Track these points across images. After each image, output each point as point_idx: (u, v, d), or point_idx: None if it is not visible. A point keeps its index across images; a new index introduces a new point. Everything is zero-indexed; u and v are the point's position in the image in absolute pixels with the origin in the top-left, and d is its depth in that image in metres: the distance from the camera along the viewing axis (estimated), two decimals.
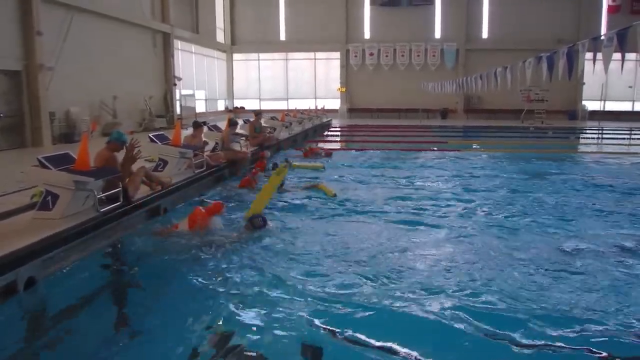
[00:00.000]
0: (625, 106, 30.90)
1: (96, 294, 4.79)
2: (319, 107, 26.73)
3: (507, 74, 13.28)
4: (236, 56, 33.53)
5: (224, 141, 10.63)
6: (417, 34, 31.32)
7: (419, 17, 31.29)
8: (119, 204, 6.24)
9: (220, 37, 31.71)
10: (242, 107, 32.88)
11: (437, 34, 31.71)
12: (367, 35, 32.16)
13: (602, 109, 29.30)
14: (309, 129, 20.24)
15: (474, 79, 16.84)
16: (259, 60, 33.61)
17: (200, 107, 27.12)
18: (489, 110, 30.58)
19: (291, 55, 33.30)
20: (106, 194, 6.19)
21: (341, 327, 3.88)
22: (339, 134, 23.49)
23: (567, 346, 3.66)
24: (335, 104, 32.18)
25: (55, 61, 14.38)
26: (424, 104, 29.88)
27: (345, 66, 32.31)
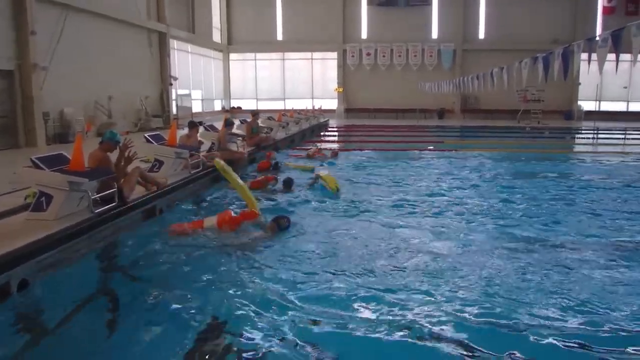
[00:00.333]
0: (620, 106, 31.12)
1: (91, 296, 4.73)
2: (316, 107, 26.71)
3: (503, 74, 13.31)
4: (233, 56, 33.49)
5: (220, 141, 10.60)
6: (414, 34, 31.37)
7: (416, 17, 31.34)
8: (113, 204, 6.19)
9: (216, 36, 31.66)
10: (239, 107, 32.83)
11: (434, 34, 31.77)
12: (364, 35, 32.18)
13: (597, 109, 29.43)
14: (306, 129, 20.21)
15: (471, 79, 16.87)
16: (255, 60, 33.58)
17: (196, 107, 27.07)
18: (486, 110, 30.65)
19: (288, 55, 33.28)
20: (101, 195, 6.15)
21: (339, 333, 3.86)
22: (336, 134, 23.45)
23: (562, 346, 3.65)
24: (332, 104, 32.20)
25: (49, 61, 14.31)
26: (421, 104, 29.92)
27: (342, 66, 32.32)
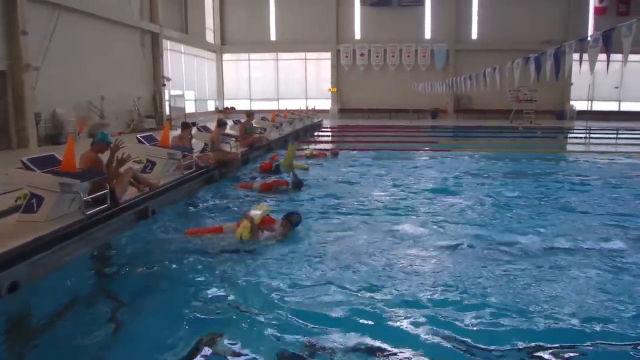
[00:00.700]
0: (612, 106, 31.32)
1: (82, 298, 4.69)
2: (310, 108, 26.70)
3: (495, 74, 13.38)
4: (226, 56, 33.42)
5: (213, 142, 10.57)
6: (407, 35, 31.43)
7: (409, 17, 31.42)
8: (105, 206, 6.16)
9: (210, 37, 31.58)
10: (233, 108, 32.77)
11: (427, 35, 31.85)
12: (357, 35, 32.21)
13: (589, 109, 29.60)
14: (300, 130, 20.20)
15: (464, 79, 16.95)
16: (249, 60, 33.52)
17: (189, 108, 27.00)
18: (479, 110, 30.75)
19: (282, 55, 33.25)
20: (92, 196, 6.11)
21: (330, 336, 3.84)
22: (329, 134, 23.44)
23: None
24: (326, 104, 32.20)
25: (41, 61, 14.21)
26: (415, 104, 29.98)
27: (336, 66, 32.34)
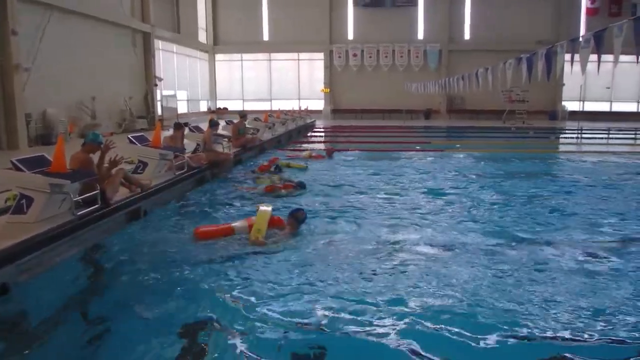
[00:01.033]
0: (603, 106, 31.56)
1: (72, 300, 4.65)
2: (303, 108, 26.67)
3: (488, 74, 13.42)
4: (219, 56, 33.32)
5: (205, 142, 10.52)
6: (400, 35, 31.48)
7: (402, 18, 31.47)
8: (96, 207, 6.11)
9: (202, 37, 31.47)
10: (225, 108, 32.69)
11: (420, 35, 31.92)
12: (350, 36, 32.23)
13: (581, 109, 29.80)
14: (293, 130, 20.17)
15: (456, 79, 16.99)
16: (242, 60, 33.44)
17: (182, 108, 26.88)
18: (472, 110, 30.86)
19: (274, 55, 33.19)
20: (83, 197, 6.06)
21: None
22: (322, 134, 23.42)
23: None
24: (319, 104, 32.18)
25: (32, 61, 14.09)
26: (408, 104, 30.04)
27: (328, 67, 32.33)
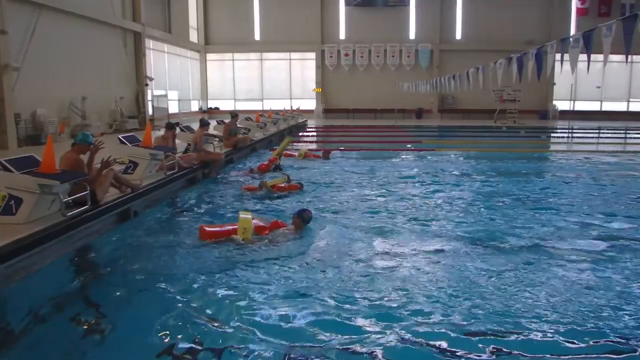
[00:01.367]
0: (593, 106, 31.84)
1: (62, 302, 4.60)
2: (294, 108, 26.66)
3: (479, 74, 13.48)
4: (210, 56, 33.18)
5: (196, 142, 10.48)
6: (392, 35, 31.55)
7: (394, 18, 31.54)
8: (86, 207, 6.07)
9: (193, 36, 31.32)
10: (217, 108, 32.58)
11: (412, 35, 32.00)
12: (342, 35, 32.24)
13: (571, 108, 30.03)
14: (284, 130, 20.16)
15: (448, 79, 17.04)
16: (233, 60, 33.34)
17: (173, 108, 26.74)
18: (463, 110, 31.00)
19: (266, 55, 33.13)
20: (73, 198, 6.01)
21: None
22: (314, 134, 23.42)
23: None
24: (310, 104, 32.17)
25: (21, 61, 13.95)
26: (400, 104, 30.14)
27: (320, 67, 32.32)
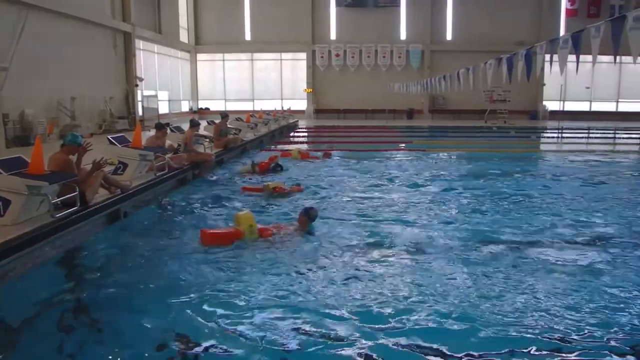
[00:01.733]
0: (583, 106, 32.14)
1: (50, 304, 4.53)
2: (285, 108, 26.63)
3: (469, 75, 13.54)
4: (200, 56, 33.05)
5: (186, 143, 10.43)
6: (383, 35, 31.62)
7: (385, 18, 31.61)
8: (76, 208, 6.01)
9: (184, 37, 31.18)
10: (207, 108, 32.46)
11: (403, 36, 32.10)
12: (333, 36, 32.26)
13: (561, 109, 30.26)
14: (275, 130, 20.13)
15: (439, 79, 17.10)
16: (224, 60, 33.24)
17: (163, 109, 26.57)
18: (454, 110, 31.14)
19: (257, 55, 33.06)
20: (62, 199, 5.95)
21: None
22: (305, 135, 23.40)
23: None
24: (301, 104, 32.15)
25: (9, 61, 13.79)
26: (391, 104, 30.19)
27: (311, 67, 32.32)
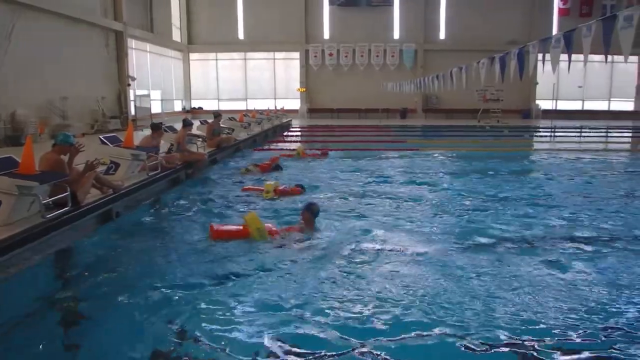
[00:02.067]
0: (575, 105, 32.35)
1: (41, 306, 4.50)
2: (279, 108, 26.58)
3: (462, 74, 13.57)
4: (193, 56, 32.94)
5: (179, 142, 10.37)
6: (376, 35, 31.65)
7: (378, 18, 31.65)
8: (67, 209, 5.96)
9: (176, 36, 31.05)
10: (200, 108, 32.36)
11: (396, 35, 32.14)
12: (326, 35, 32.26)
13: (554, 108, 30.47)
14: (269, 130, 20.09)
15: (432, 79, 17.14)
16: (217, 60, 33.14)
17: (155, 108, 26.44)
18: (447, 109, 31.24)
19: (250, 55, 32.99)
20: (53, 199, 5.90)
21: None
22: (299, 134, 23.36)
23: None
24: (295, 104, 32.13)
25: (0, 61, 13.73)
26: (384, 103, 30.26)
27: (304, 66, 32.30)
